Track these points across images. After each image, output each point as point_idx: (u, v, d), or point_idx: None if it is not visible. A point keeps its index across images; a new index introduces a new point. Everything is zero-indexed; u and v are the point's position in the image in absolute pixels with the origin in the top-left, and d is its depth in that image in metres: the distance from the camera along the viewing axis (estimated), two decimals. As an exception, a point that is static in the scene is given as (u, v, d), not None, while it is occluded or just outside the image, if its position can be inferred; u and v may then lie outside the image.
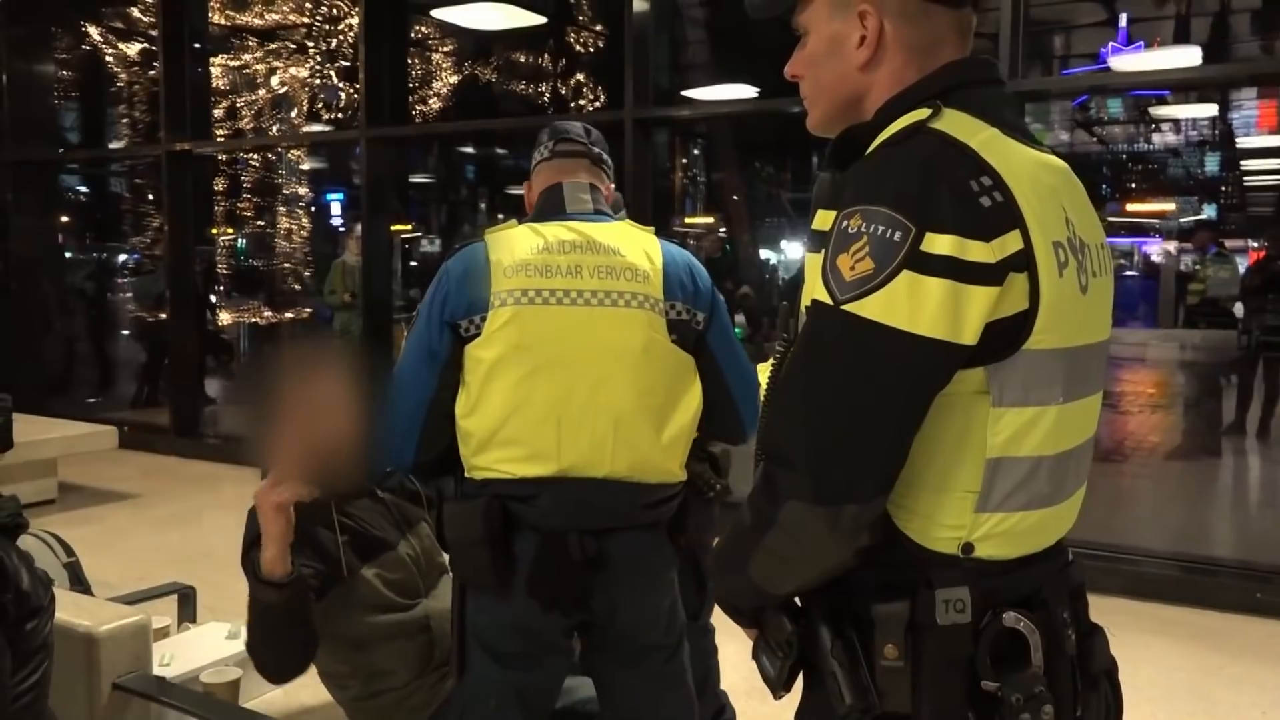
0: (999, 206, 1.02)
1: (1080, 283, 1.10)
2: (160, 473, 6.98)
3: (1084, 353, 1.13)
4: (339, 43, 8.88)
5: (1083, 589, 1.19)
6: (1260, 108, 14.77)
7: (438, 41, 9.46)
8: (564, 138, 1.94)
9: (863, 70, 1.17)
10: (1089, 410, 1.18)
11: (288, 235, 9.64)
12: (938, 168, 1.03)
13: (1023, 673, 1.07)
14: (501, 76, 9.76)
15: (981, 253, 1.00)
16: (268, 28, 9.03)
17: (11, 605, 1.79)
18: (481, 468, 1.75)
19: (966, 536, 1.09)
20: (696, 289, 1.84)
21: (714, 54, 10.55)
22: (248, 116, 9.20)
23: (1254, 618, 4.23)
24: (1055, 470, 1.12)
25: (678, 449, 1.81)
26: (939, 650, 1.07)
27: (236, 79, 9.13)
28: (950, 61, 1.16)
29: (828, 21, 1.19)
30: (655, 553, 1.83)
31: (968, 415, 1.07)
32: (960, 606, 1.07)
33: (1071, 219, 1.11)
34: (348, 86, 8.94)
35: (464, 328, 1.74)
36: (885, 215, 1.01)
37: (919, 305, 1.00)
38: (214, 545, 5.22)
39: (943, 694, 1.07)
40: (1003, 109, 1.15)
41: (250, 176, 9.46)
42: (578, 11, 9.56)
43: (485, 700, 1.79)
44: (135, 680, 2.16)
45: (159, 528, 5.66)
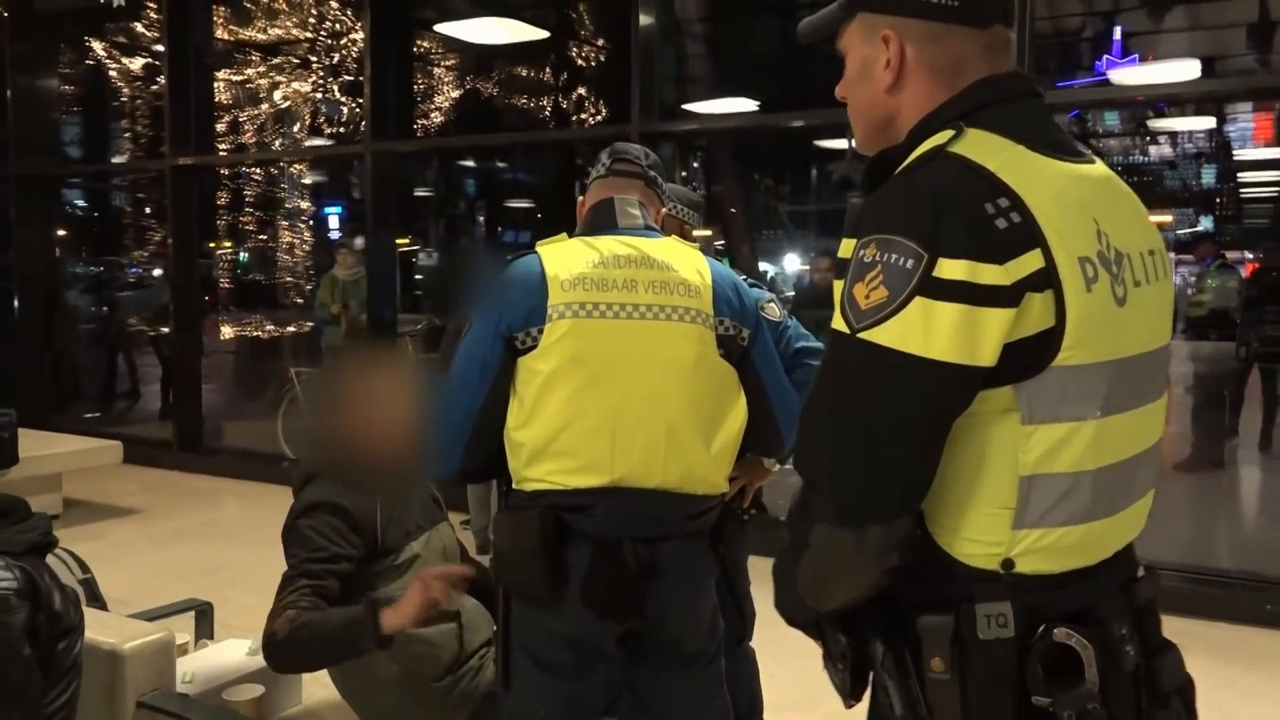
0: (1016, 228, 1.03)
1: (1116, 295, 1.10)
2: (164, 487, 6.96)
3: (1130, 364, 1.12)
4: (342, 57, 8.91)
5: (1152, 605, 1.18)
6: (1256, 120, 14.86)
7: (440, 56, 9.49)
8: (622, 157, 2.00)
9: (889, 92, 1.20)
10: (1145, 420, 1.17)
11: (290, 249, 9.65)
12: (951, 193, 1.05)
13: (1076, 689, 1.06)
14: (503, 91, 9.80)
15: (995, 275, 1.02)
16: (271, 43, 9.06)
17: (44, 625, 1.79)
18: (534, 479, 1.76)
19: (1006, 553, 1.09)
20: (743, 306, 1.89)
21: (713, 68, 10.60)
22: (250, 131, 9.23)
23: (1264, 629, 4.24)
24: (1102, 484, 1.11)
25: (724, 461, 1.85)
26: (983, 664, 1.08)
27: (239, 93, 9.16)
28: (978, 80, 1.16)
29: (860, 46, 1.22)
30: (698, 560, 1.86)
31: (997, 433, 1.08)
32: (1002, 621, 1.08)
33: (1106, 230, 1.11)
34: (350, 101, 8.97)
35: (520, 340, 1.76)
36: (899, 244, 1.03)
37: (933, 330, 1.02)
38: (221, 561, 5.21)
39: (990, 708, 1.08)
40: (1034, 123, 1.15)
41: (252, 190, 9.48)
42: (579, 26, 9.60)
43: (534, 710, 1.81)
44: (159, 698, 2.15)
45: (165, 543, 5.65)
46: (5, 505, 1.86)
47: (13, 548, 1.80)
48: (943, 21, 1.16)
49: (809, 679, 2.76)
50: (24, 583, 1.76)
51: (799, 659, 2.01)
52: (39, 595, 1.79)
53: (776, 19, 11.01)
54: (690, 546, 1.84)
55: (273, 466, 7.27)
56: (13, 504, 1.88)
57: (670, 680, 1.88)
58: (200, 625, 2.80)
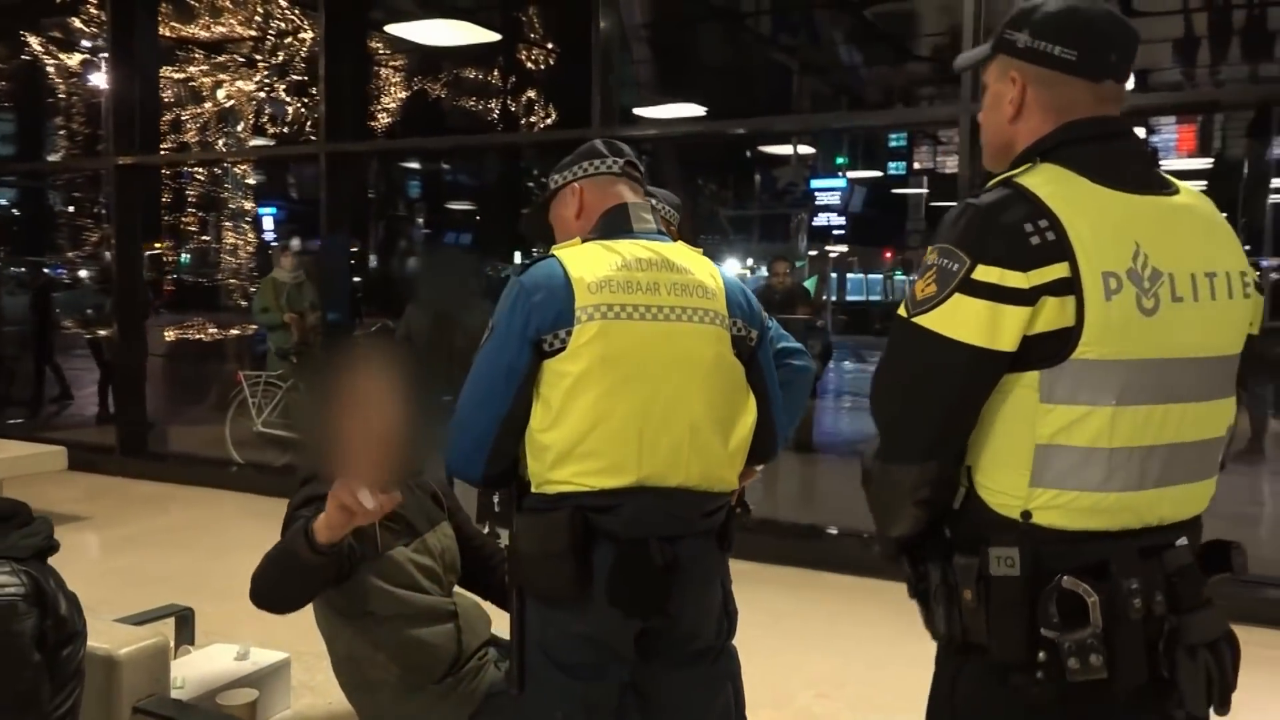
0: (1048, 244, 1.27)
1: (1143, 306, 1.29)
2: (109, 494, 6.80)
3: (1158, 365, 1.31)
4: (289, 56, 8.79)
5: (1188, 573, 1.34)
6: (1180, 131, 15.39)
7: (387, 56, 9.42)
8: (630, 160, 2.00)
9: (1010, 123, 1.44)
10: (1188, 416, 1.35)
11: (233, 250, 9.49)
12: (998, 214, 1.30)
13: (1080, 629, 1.27)
14: (452, 92, 9.75)
15: (1017, 280, 1.26)
16: (215, 40, 8.90)
17: (51, 631, 1.76)
18: (558, 481, 1.76)
19: (1024, 505, 1.33)
20: (751, 309, 1.93)
21: (660, 74, 10.68)
22: (192, 130, 9.06)
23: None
24: (1121, 462, 1.31)
25: (739, 458, 1.88)
26: (998, 598, 1.32)
27: (182, 91, 8.99)
28: (1065, 123, 1.39)
29: (995, 82, 1.47)
30: (711, 557, 1.88)
31: (1021, 408, 1.31)
32: (1010, 563, 1.32)
33: (1147, 251, 1.30)
34: (295, 100, 8.85)
35: (548, 343, 1.75)
36: (952, 252, 1.31)
37: (964, 319, 1.29)
38: (173, 569, 5.12)
39: (1005, 634, 1.32)
40: (1106, 160, 1.36)
41: (194, 190, 9.31)
42: (529, 29, 9.60)
43: (551, 712, 1.80)
44: (156, 703, 2.13)
45: (114, 551, 5.53)
46: (7, 509, 1.82)
47: (18, 553, 1.76)
48: (1061, 72, 1.39)
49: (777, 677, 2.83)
50: (31, 588, 1.73)
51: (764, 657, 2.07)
52: (45, 601, 1.76)
53: (721, 27, 11.13)
54: (703, 543, 1.86)
55: (220, 471, 7.16)
56: (15, 508, 1.84)
57: (678, 677, 1.89)
58: (181, 631, 2.76)
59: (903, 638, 2.18)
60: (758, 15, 11.21)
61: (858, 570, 5.12)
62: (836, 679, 3.83)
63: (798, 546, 5.36)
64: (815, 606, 4.67)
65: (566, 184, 1.99)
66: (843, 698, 3.68)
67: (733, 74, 11.34)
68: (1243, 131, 13.07)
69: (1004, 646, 1.32)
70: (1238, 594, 4.60)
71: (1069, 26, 1.39)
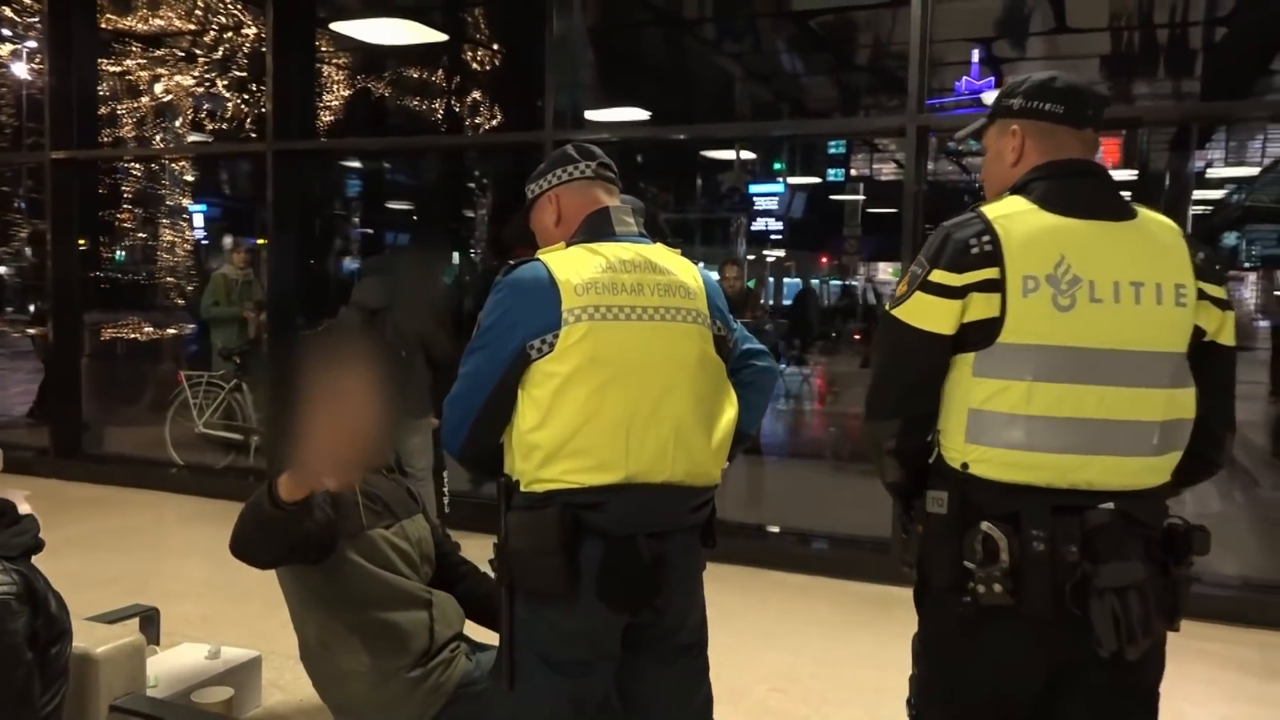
0: (985, 254, 1.64)
1: (1058, 303, 1.63)
2: (44, 497, 6.63)
3: (1074, 353, 1.63)
4: (230, 52, 8.66)
5: (1108, 531, 1.61)
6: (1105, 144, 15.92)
7: (330, 54, 9.32)
8: (603, 162, 2.05)
9: (1012, 167, 1.79)
10: (1110, 398, 1.64)
11: (170, 248, 9.32)
12: (954, 232, 1.68)
13: (993, 562, 1.61)
14: (396, 92, 9.68)
15: (953, 280, 1.65)
16: (153, 33, 8.73)
17: (42, 629, 1.76)
18: (548, 479, 1.81)
19: (963, 458, 1.69)
20: (728, 309, 2.02)
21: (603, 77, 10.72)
22: (129, 125, 8.87)
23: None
24: (1045, 429, 1.63)
25: (722, 453, 1.94)
26: (931, 530, 1.70)
27: (118, 86, 8.80)
28: (1038, 164, 1.74)
29: (996, 140, 1.84)
30: (695, 552, 1.94)
31: (961, 381, 1.69)
32: (940, 503, 1.69)
33: (1070, 261, 1.64)
34: (235, 97, 8.73)
35: (536, 347, 1.80)
36: (920, 261, 1.71)
37: (922, 311, 1.68)
38: (115, 572, 5.03)
39: (938, 562, 1.70)
40: (1061, 192, 1.69)
41: (130, 186, 9.12)
42: (476, 30, 9.58)
43: (540, 708, 1.84)
44: (133, 701, 2.13)
45: (56, 555, 5.37)
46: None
47: (9, 551, 1.76)
48: (1052, 122, 1.75)
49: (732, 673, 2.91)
50: (23, 587, 1.74)
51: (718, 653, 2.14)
52: (37, 599, 1.76)
53: (665, 32, 11.22)
54: (688, 539, 1.91)
55: (160, 473, 7.03)
56: (3, 506, 1.83)
57: (661, 672, 1.94)
58: (146, 630, 2.74)
59: (852, 634, 2.27)
60: (702, 21, 11.32)
61: (804, 569, 5.24)
62: (790, 674, 3.93)
63: (745, 546, 5.46)
64: (764, 604, 4.77)
65: (544, 192, 2.04)
66: (797, 692, 3.77)
67: (677, 79, 11.43)
68: (1166, 146, 13.54)
69: (937, 572, 1.70)
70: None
71: (1054, 89, 1.76)
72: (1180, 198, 13.05)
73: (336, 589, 2.12)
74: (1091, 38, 10.26)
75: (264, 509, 1.88)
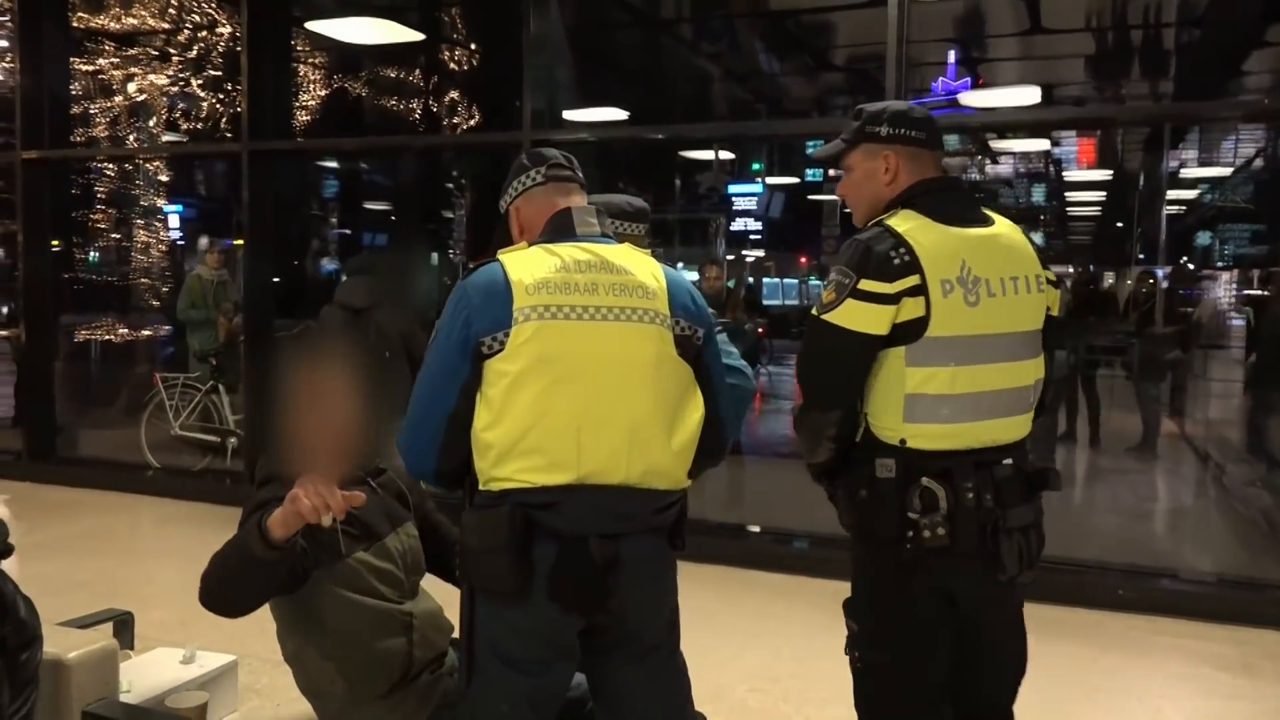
0: (905, 264, 1.92)
1: (968, 300, 1.95)
2: (17, 500, 6.57)
3: (979, 339, 1.97)
4: (204, 50, 8.58)
5: (1011, 481, 2.00)
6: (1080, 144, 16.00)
7: (307, 54, 9.26)
8: (554, 163, 2.04)
9: (887, 187, 2.09)
10: (1001, 372, 2.01)
11: (145, 249, 9.22)
12: (873, 245, 1.95)
13: (933, 513, 1.94)
14: (372, 91, 9.62)
15: (885, 289, 1.92)
16: (126, 32, 8.64)
17: (11, 635, 1.74)
18: (501, 478, 1.81)
19: (900, 435, 1.98)
20: (697, 308, 1.97)
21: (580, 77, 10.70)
22: (102, 124, 8.77)
23: (1118, 613, 4.64)
24: (962, 404, 1.96)
25: (685, 455, 1.91)
26: (880, 492, 1.98)
27: (90, 85, 8.70)
28: (914, 181, 2.06)
29: (865, 161, 2.11)
30: (660, 555, 1.91)
31: (896, 371, 1.96)
32: (889, 469, 1.98)
33: (969, 264, 1.96)
34: (211, 96, 8.64)
35: (486, 345, 1.80)
36: (844, 270, 1.96)
37: (853, 316, 1.93)
38: (88, 575, 4.98)
39: (884, 516, 1.98)
40: (941, 204, 2.02)
41: (104, 186, 9.02)
42: (453, 30, 9.54)
43: (497, 705, 1.83)
44: (105, 707, 2.11)
45: (28, 558, 5.34)
46: (-37, 512, 1.79)
47: (-24, 556, 1.74)
48: (917, 147, 2.08)
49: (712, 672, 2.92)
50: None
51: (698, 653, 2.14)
52: (5, 604, 1.74)
53: (642, 31, 11.21)
54: (652, 541, 1.89)
55: (135, 476, 6.97)
56: (-30, 511, 1.81)
57: (631, 671, 1.93)
58: (120, 635, 2.71)
59: (830, 633, 2.28)
60: (679, 21, 11.32)
61: (783, 568, 5.25)
62: (769, 673, 3.93)
63: (725, 545, 5.47)
64: (744, 604, 4.78)
65: (507, 207, 2.08)
66: (777, 691, 3.78)
67: (654, 78, 11.43)
68: (1140, 146, 13.65)
69: (884, 526, 1.97)
70: (1135, 585, 4.86)
71: (915, 118, 2.09)
72: (1154, 198, 13.15)
73: (312, 617, 2.08)
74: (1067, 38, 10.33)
75: (255, 551, 1.82)
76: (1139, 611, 4.63)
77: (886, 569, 2.02)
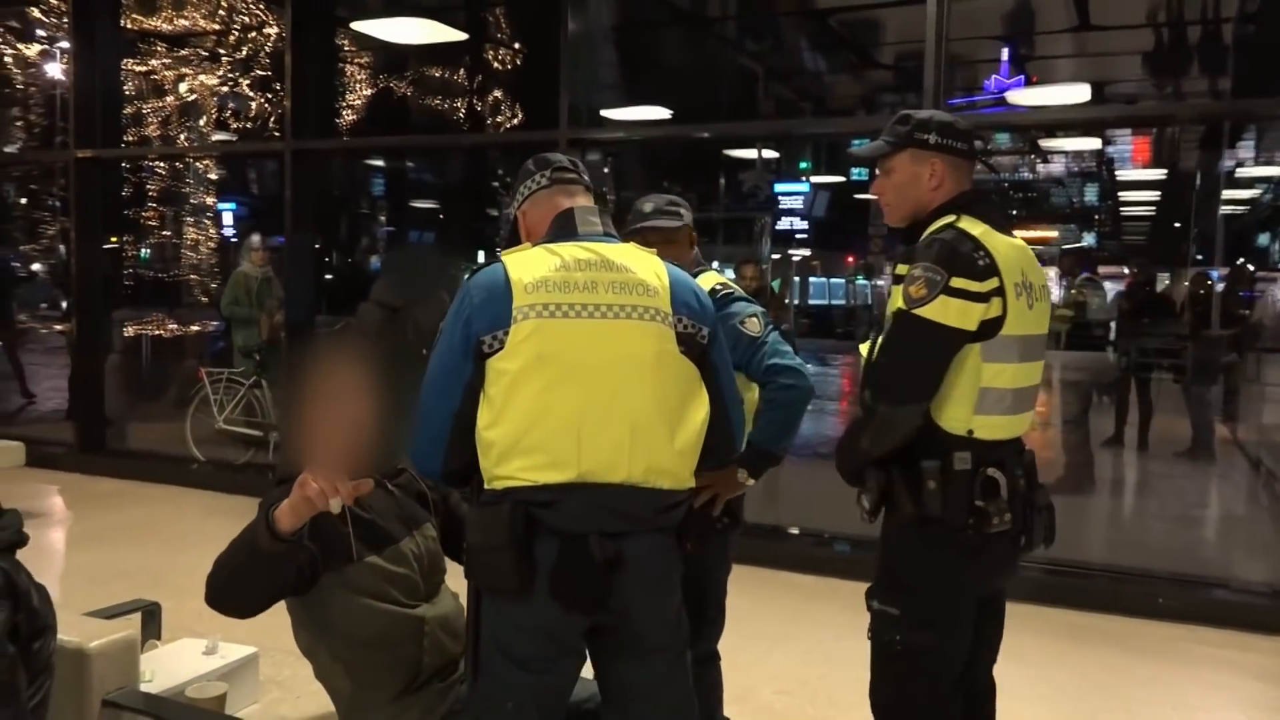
0: (988, 265, 2.02)
1: (1028, 304, 2.10)
2: (67, 491, 6.72)
3: (1030, 339, 2.12)
4: (251, 51, 8.72)
5: (1032, 465, 2.19)
6: (1135, 143, 15.71)
7: (352, 54, 9.38)
8: (558, 167, 2.07)
9: (931, 193, 2.17)
10: (1036, 369, 2.18)
11: (194, 246, 9.40)
12: (957, 246, 2.03)
13: (997, 498, 2.04)
14: (417, 91, 9.72)
15: (978, 287, 2.00)
16: (177, 33, 8.82)
17: (24, 624, 1.76)
18: (503, 476, 1.81)
19: (969, 426, 2.06)
20: (701, 307, 1.96)
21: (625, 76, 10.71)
22: (154, 124, 8.96)
23: (1156, 622, 4.54)
24: (1015, 397, 2.10)
25: (689, 455, 1.89)
26: (956, 483, 2.04)
27: (143, 85, 8.89)
28: (962, 191, 2.18)
29: (910, 165, 2.18)
30: (665, 554, 1.90)
31: (973, 365, 2.04)
32: (965, 461, 2.04)
33: (1024, 271, 2.10)
34: (259, 96, 8.79)
35: (487, 344, 1.81)
36: (933, 268, 2.01)
37: (947, 311, 1.99)
38: (133, 566, 5.08)
39: (956, 505, 2.04)
40: (988, 213, 2.14)
41: (155, 185, 9.21)
42: (496, 29, 9.60)
43: (502, 702, 1.84)
44: (125, 696, 2.14)
45: (73, 548, 5.48)
46: (-21, 503, 1.82)
47: (-10, 546, 1.77)
48: (959, 158, 2.18)
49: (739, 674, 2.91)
50: (3, 581, 1.74)
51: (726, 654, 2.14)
52: (18, 594, 1.76)
53: (686, 31, 11.20)
54: (656, 540, 1.88)
55: (181, 468, 7.10)
56: (-16, 501, 1.84)
57: (636, 672, 1.93)
58: (148, 626, 2.75)
59: (858, 635, 2.25)
60: (724, 20, 11.29)
61: (818, 570, 5.20)
62: (797, 676, 3.90)
63: (759, 547, 5.42)
64: (775, 605, 4.74)
65: (515, 213, 2.12)
66: (804, 694, 3.74)
67: (698, 78, 11.41)
68: (1196, 144, 13.36)
69: (954, 514, 2.04)
70: (1190, 595, 4.74)
71: (961, 130, 2.18)
72: (1211, 197, 12.86)
73: (322, 619, 2.08)
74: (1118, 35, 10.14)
75: (261, 544, 1.81)
76: (1180, 620, 4.52)
77: (945, 555, 2.09)
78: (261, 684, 2.62)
